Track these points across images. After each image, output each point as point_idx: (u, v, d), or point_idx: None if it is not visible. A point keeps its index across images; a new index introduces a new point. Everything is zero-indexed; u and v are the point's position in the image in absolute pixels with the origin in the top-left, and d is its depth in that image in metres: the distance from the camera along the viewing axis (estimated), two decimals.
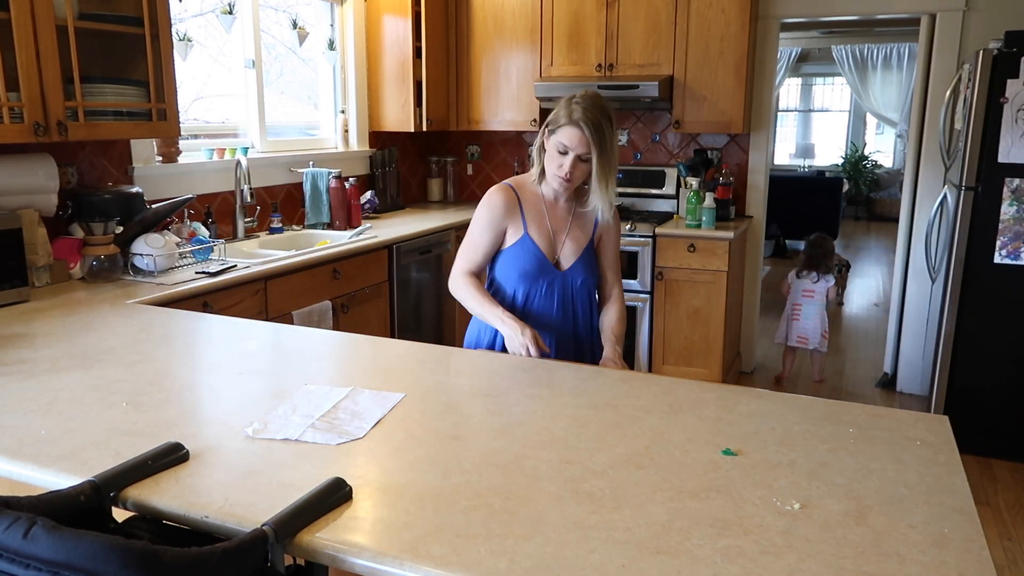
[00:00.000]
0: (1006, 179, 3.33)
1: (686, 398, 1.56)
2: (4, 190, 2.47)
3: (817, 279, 4.47)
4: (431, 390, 1.59)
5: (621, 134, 4.75)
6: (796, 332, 4.51)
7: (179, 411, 1.46)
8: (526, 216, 2.05)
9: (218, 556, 0.90)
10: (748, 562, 0.98)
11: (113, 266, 2.63)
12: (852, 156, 11.26)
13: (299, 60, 4.32)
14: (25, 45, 2.30)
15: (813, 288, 4.46)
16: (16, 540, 0.86)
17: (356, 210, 3.93)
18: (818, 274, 4.47)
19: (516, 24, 4.48)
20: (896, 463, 1.27)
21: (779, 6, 4.23)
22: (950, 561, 0.99)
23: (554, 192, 2.07)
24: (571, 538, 1.03)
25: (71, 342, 1.90)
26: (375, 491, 1.15)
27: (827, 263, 4.53)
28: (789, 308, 4.57)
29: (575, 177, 1.97)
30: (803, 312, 4.49)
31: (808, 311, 4.48)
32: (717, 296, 3.98)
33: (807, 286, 4.48)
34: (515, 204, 2.06)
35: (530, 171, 2.10)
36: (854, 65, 10.71)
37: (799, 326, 4.50)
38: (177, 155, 3.31)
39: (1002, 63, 3.26)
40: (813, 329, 4.47)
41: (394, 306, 3.67)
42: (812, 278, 4.48)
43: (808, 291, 4.48)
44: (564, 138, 1.92)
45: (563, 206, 2.10)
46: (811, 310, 4.48)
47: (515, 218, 2.05)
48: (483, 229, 2.07)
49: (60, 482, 1.17)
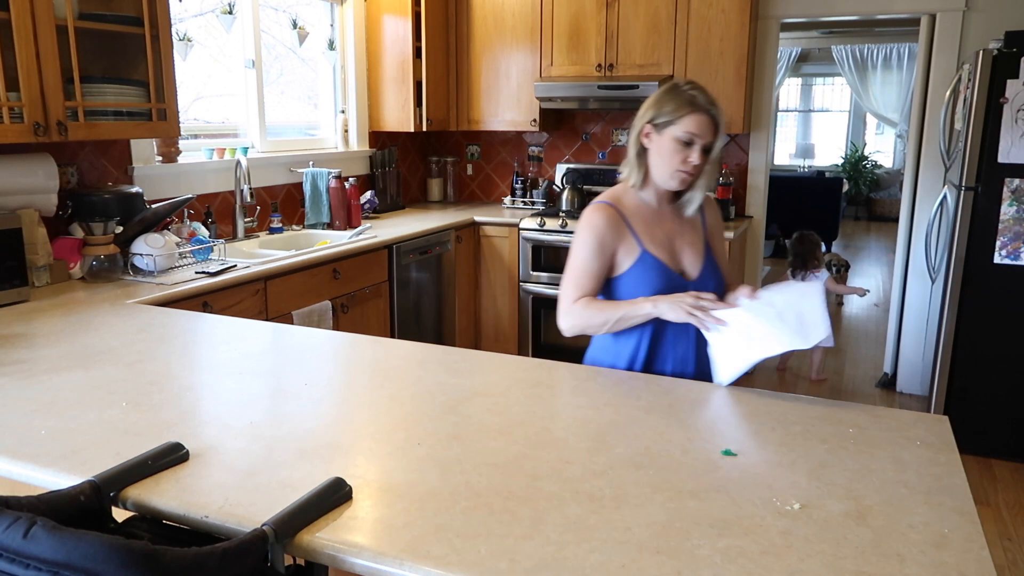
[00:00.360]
0: (1006, 179, 3.33)
1: (686, 398, 1.56)
2: (4, 190, 2.47)
3: (806, 276, 4.51)
4: (431, 390, 1.59)
5: (620, 134, 4.75)
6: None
7: (179, 411, 1.46)
8: (637, 231, 1.82)
9: (218, 556, 0.90)
10: (748, 562, 0.98)
11: (113, 266, 2.63)
12: (852, 156, 11.27)
13: (299, 60, 4.32)
14: (25, 45, 2.30)
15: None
16: (16, 540, 0.86)
17: (356, 210, 3.93)
18: (808, 271, 4.51)
19: (516, 24, 4.48)
20: (896, 463, 1.27)
21: (779, 6, 4.23)
22: (950, 561, 0.99)
23: (657, 196, 1.86)
24: (571, 538, 1.03)
25: (71, 342, 1.90)
26: (375, 491, 1.15)
27: (815, 258, 4.56)
28: None
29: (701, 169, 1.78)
30: None
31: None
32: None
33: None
34: (620, 221, 1.81)
35: (623, 181, 1.88)
36: (854, 65, 10.71)
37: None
38: (177, 155, 3.31)
39: (1002, 63, 3.26)
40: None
41: (394, 306, 3.67)
42: (801, 276, 4.52)
43: None
44: (691, 127, 1.73)
45: (667, 210, 1.88)
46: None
47: (624, 237, 1.81)
48: (591, 255, 1.80)
49: (60, 482, 1.17)
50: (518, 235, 4.31)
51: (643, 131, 1.80)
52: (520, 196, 4.83)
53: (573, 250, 1.84)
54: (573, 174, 4.72)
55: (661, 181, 1.82)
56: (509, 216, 4.41)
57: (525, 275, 4.35)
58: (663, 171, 1.80)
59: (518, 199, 4.82)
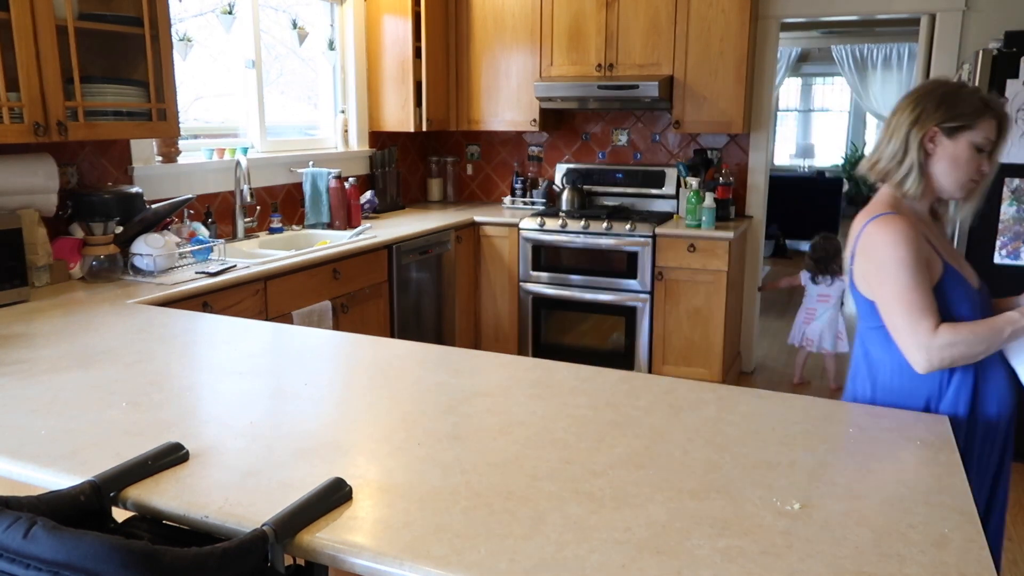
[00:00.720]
0: (1006, 179, 3.33)
1: (686, 398, 1.56)
2: (4, 190, 2.47)
3: (832, 282, 4.35)
4: (431, 390, 1.59)
5: (620, 134, 4.75)
6: (807, 335, 4.43)
7: (179, 411, 1.46)
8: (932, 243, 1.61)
9: (218, 556, 0.90)
10: (748, 562, 0.98)
11: (113, 266, 2.63)
12: (852, 156, 11.26)
13: (299, 60, 4.32)
14: (25, 45, 2.30)
15: (829, 292, 4.37)
16: (16, 540, 0.86)
17: (356, 210, 3.93)
18: (832, 277, 4.35)
19: (516, 24, 4.48)
20: (896, 463, 1.27)
21: (779, 6, 4.23)
22: (950, 561, 0.99)
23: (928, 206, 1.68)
24: (571, 538, 1.03)
25: (71, 342, 1.90)
26: (375, 491, 1.15)
27: (838, 263, 4.37)
28: (803, 311, 4.48)
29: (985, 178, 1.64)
30: (817, 315, 4.41)
31: (823, 315, 4.39)
32: (717, 296, 3.98)
33: (823, 291, 4.38)
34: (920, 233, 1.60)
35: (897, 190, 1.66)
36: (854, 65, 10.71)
37: (820, 331, 4.39)
38: (177, 155, 3.31)
39: (1002, 63, 3.26)
40: (828, 331, 4.38)
41: (394, 306, 3.67)
42: (827, 282, 4.36)
43: (824, 295, 4.38)
44: (990, 132, 1.58)
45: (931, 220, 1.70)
46: (826, 314, 4.39)
47: (927, 250, 1.59)
48: (919, 270, 1.54)
49: (60, 482, 1.17)
50: (518, 235, 4.31)
51: (928, 135, 1.60)
52: (520, 196, 4.83)
53: (890, 274, 1.55)
54: (573, 174, 4.72)
55: (949, 191, 1.63)
56: (509, 216, 4.41)
57: (525, 275, 4.35)
58: (953, 180, 1.61)
59: (518, 199, 4.82)
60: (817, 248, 4.44)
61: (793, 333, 4.56)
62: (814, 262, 4.42)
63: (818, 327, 4.41)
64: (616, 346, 4.24)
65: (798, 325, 4.51)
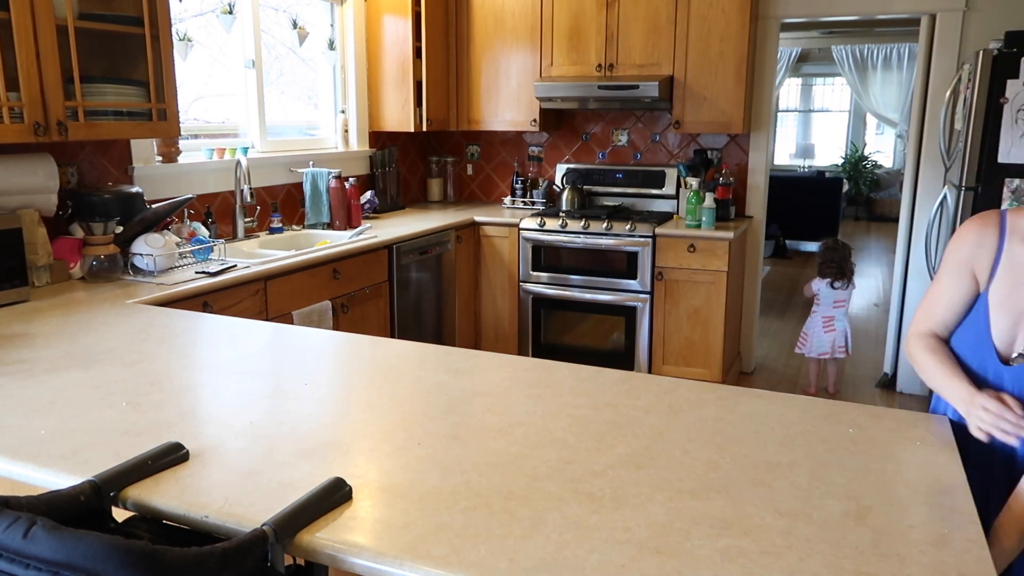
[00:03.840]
0: (1006, 179, 3.33)
1: (686, 398, 1.56)
2: (4, 190, 2.47)
3: (847, 287, 4.25)
4: (431, 390, 1.59)
5: (620, 134, 4.75)
6: (836, 343, 4.26)
7: (179, 411, 1.46)
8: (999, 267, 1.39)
9: (218, 556, 0.90)
10: (748, 562, 0.98)
11: (113, 266, 2.63)
12: (852, 156, 11.27)
13: (299, 60, 4.31)
14: (25, 45, 2.30)
15: (843, 297, 4.27)
16: (16, 540, 0.86)
17: (356, 210, 3.93)
18: (847, 282, 4.25)
19: (516, 24, 4.48)
20: (896, 463, 1.27)
21: (779, 6, 4.23)
22: (950, 561, 0.99)
23: None
24: (571, 538, 1.03)
25: (71, 342, 1.90)
26: (375, 491, 1.15)
27: (850, 267, 4.29)
28: (819, 320, 4.29)
29: None
30: (835, 323, 4.27)
31: (840, 322, 4.28)
32: (717, 296, 3.97)
33: (839, 296, 4.26)
34: (993, 243, 1.39)
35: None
36: (854, 65, 10.71)
37: (834, 338, 4.26)
38: (177, 155, 3.31)
39: (1002, 63, 3.26)
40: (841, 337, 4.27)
41: (394, 306, 3.67)
42: (843, 286, 4.25)
43: (840, 301, 4.26)
44: None
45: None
46: (844, 319, 4.29)
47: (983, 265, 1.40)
48: (946, 272, 1.45)
49: (60, 482, 1.17)
50: (518, 235, 4.31)
51: None
52: (520, 196, 4.83)
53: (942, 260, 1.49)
54: (573, 174, 4.72)
55: None
56: (509, 216, 4.41)
57: (525, 275, 4.35)
58: None
59: (518, 199, 4.82)
60: (833, 251, 4.29)
61: (810, 344, 4.32)
62: (835, 266, 4.25)
63: (841, 332, 4.26)
64: (616, 346, 4.24)
65: (816, 334, 4.29)
